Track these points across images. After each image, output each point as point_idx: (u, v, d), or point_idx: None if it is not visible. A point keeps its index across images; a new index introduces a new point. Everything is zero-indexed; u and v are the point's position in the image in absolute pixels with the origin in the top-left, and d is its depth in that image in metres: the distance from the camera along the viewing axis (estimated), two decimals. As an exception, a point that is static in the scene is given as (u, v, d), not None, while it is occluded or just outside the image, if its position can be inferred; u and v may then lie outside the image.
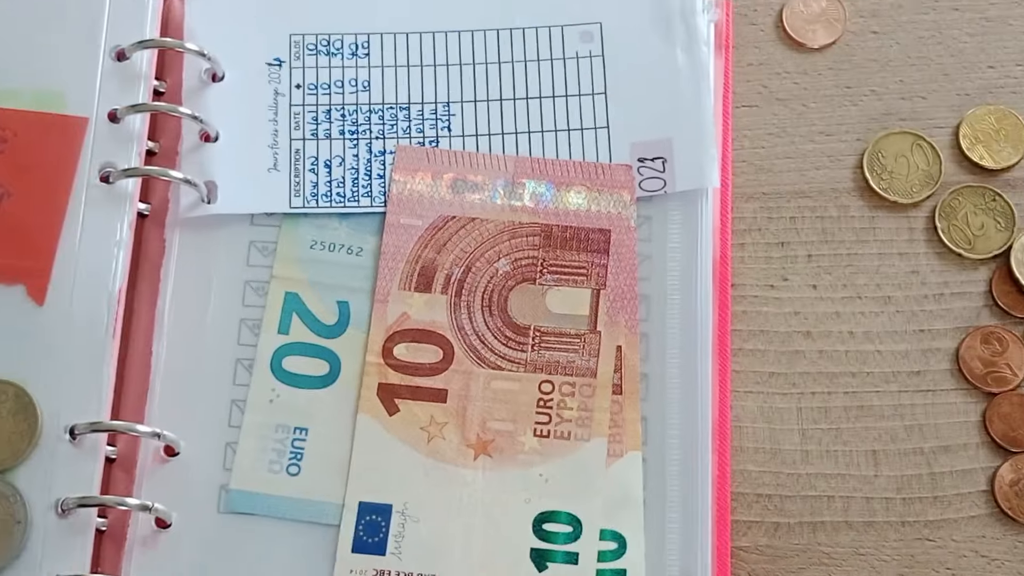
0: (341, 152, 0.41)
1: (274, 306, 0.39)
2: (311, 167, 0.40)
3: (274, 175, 0.40)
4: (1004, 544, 0.38)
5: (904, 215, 0.41)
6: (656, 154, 0.40)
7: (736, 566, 0.38)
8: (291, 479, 0.37)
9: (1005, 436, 0.39)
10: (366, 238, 0.40)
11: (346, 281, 0.39)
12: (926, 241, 0.41)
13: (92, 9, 0.41)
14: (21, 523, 0.36)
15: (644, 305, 0.39)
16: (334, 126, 0.41)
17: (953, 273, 0.41)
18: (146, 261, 0.40)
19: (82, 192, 0.39)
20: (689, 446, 0.38)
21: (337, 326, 0.39)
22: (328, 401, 0.38)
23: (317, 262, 0.40)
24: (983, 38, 0.43)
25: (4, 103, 0.40)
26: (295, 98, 0.41)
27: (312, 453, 0.38)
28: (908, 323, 0.40)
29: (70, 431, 0.37)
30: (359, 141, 0.41)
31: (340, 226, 0.40)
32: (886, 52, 0.43)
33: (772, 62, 0.43)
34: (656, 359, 0.39)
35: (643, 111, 0.41)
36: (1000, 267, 0.41)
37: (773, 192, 0.42)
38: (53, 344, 0.38)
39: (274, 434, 0.38)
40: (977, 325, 0.40)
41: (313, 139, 0.41)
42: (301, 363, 0.39)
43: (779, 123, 0.42)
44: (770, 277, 0.41)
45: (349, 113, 0.41)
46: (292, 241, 0.40)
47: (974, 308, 0.40)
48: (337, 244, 0.40)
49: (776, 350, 0.40)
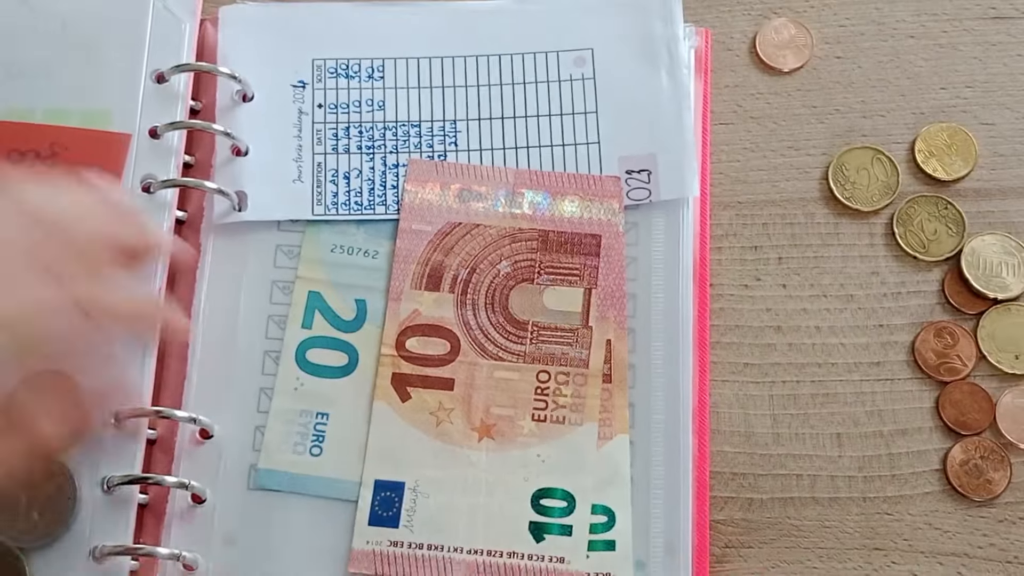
0: (359, 165, 0.42)
1: (298, 303, 0.40)
2: (332, 178, 0.41)
3: (298, 185, 0.41)
4: (955, 518, 0.39)
5: (865, 222, 0.42)
6: (642, 167, 0.41)
7: (714, 537, 0.39)
8: (314, 459, 0.39)
9: (956, 421, 0.40)
10: (381, 242, 0.41)
11: (363, 281, 0.41)
12: (885, 245, 0.42)
13: (135, 36, 0.42)
14: (71, 499, 0.38)
15: (631, 303, 0.40)
16: (352, 142, 0.42)
17: (909, 274, 0.42)
18: (183, 263, 0.40)
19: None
20: (671, 429, 0.39)
21: (355, 322, 0.40)
22: (347, 389, 0.39)
23: (337, 264, 0.41)
24: (936, 62, 0.43)
25: (55, 121, 0.41)
26: (318, 116, 0.42)
27: (333, 436, 0.39)
28: (869, 319, 0.41)
29: (115, 416, 0.38)
30: (375, 155, 0.42)
31: (357, 232, 0.41)
32: (849, 75, 0.43)
33: (746, 84, 0.44)
34: (642, 351, 0.39)
35: (630, 128, 0.42)
36: (952, 269, 0.42)
37: (747, 201, 0.42)
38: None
39: (299, 419, 0.39)
40: (931, 321, 0.41)
41: (334, 153, 0.42)
42: (323, 355, 0.40)
43: (752, 139, 0.43)
44: (744, 277, 0.42)
45: (366, 130, 0.42)
46: (315, 245, 0.41)
47: (928, 305, 0.41)
48: (355, 248, 0.41)
49: (750, 343, 0.41)
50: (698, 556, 0.38)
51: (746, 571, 0.39)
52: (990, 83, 0.43)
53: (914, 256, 0.42)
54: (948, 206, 0.42)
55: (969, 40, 0.44)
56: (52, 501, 0.38)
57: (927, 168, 0.43)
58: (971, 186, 0.43)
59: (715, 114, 0.43)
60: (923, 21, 0.44)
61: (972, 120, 0.43)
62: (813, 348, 0.41)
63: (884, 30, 0.44)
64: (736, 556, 0.39)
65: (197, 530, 0.38)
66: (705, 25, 0.44)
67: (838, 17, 0.44)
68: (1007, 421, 0.40)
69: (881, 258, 0.42)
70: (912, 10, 0.44)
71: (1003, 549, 0.39)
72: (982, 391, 0.40)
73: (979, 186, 0.43)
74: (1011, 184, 0.43)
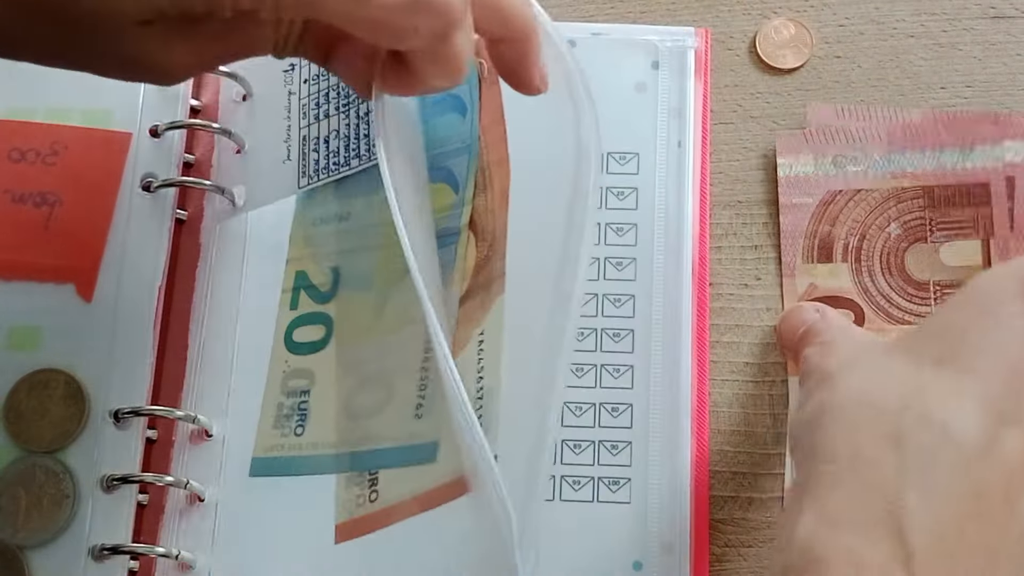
0: (337, 126, 0.41)
1: (288, 287, 0.40)
2: (315, 147, 0.41)
3: (287, 165, 0.41)
4: None
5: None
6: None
7: (714, 537, 0.39)
8: (297, 439, 0.39)
9: None
10: (351, 202, 0.40)
11: (337, 246, 0.40)
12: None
13: None
14: (70, 497, 0.38)
15: (629, 303, 0.40)
16: (331, 104, 0.41)
17: (910, 273, 0.41)
18: (183, 262, 0.41)
19: (126, 200, 0.40)
20: (671, 429, 0.39)
21: (330, 291, 0.40)
22: (324, 362, 0.39)
23: (317, 236, 0.40)
24: (936, 62, 0.43)
25: (57, 120, 0.41)
26: (303, 92, 0.42)
27: (313, 412, 0.39)
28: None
29: (115, 415, 0.38)
30: (350, 109, 0.41)
31: (332, 199, 0.41)
32: (848, 75, 0.43)
33: (746, 84, 0.43)
34: (641, 351, 0.39)
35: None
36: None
37: (747, 200, 0.42)
38: (100, 337, 0.39)
39: (286, 400, 0.39)
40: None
41: (316, 122, 0.41)
42: (305, 332, 0.40)
43: (752, 138, 0.43)
44: (744, 277, 0.41)
45: (343, 88, 0.41)
46: (300, 225, 0.41)
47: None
48: (329, 215, 0.41)
49: (750, 342, 0.41)
50: (697, 556, 0.38)
51: (746, 571, 0.39)
52: (990, 83, 0.43)
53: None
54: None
55: (969, 39, 0.44)
56: (51, 500, 0.38)
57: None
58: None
59: (715, 113, 0.43)
60: (923, 20, 0.44)
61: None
62: (813, 347, 0.41)
63: (884, 29, 0.44)
64: (736, 556, 0.39)
65: (196, 529, 0.38)
66: (705, 25, 0.44)
67: (838, 17, 0.44)
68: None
69: (881, 257, 0.42)
70: (912, 9, 0.44)
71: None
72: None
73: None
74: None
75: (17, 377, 0.39)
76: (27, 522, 0.38)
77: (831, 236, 0.40)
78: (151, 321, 0.40)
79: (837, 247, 0.40)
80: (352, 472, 0.38)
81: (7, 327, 0.40)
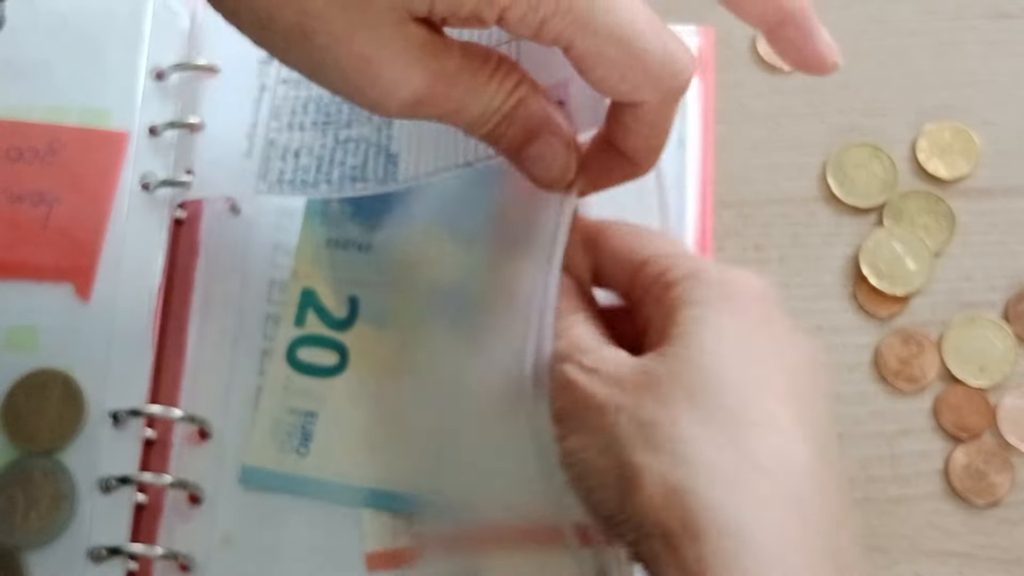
0: (311, 142, 0.40)
1: (292, 301, 0.40)
2: (281, 156, 0.40)
3: (247, 162, 0.40)
4: (958, 518, 0.39)
5: (865, 219, 0.42)
6: None
7: None
8: (300, 458, 0.38)
9: (956, 424, 0.40)
10: (372, 234, 0.40)
11: (355, 275, 0.40)
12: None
13: (134, 34, 0.42)
14: (68, 498, 0.38)
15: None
16: (308, 118, 0.40)
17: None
18: (182, 261, 0.40)
19: (124, 199, 0.40)
20: None
21: (347, 320, 0.40)
22: (337, 389, 0.39)
23: (330, 259, 0.40)
24: (938, 61, 0.43)
25: (54, 119, 0.41)
26: (279, 92, 0.41)
27: (321, 436, 0.38)
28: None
29: (113, 415, 0.38)
30: (328, 129, 0.40)
31: (351, 223, 0.40)
32: (849, 74, 0.43)
33: (747, 83, 0.44)
34: None
35: None
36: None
37: (749, 200, 0.42)
38: (98, 337, 0.39)
39: (287, 417, 0.39)
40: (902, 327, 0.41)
41: (288, 130, 0.40)
42: (313, 353, 0.39)
43: (754, 138, 0.43)
44: None
45: (324, 105, 0.40)
46: (309, 240, 0.40)
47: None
48: (348, 241, 0.40)
49: None
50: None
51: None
52: (992, 82, 0.43)
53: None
54: (940, 202, 0.42)
55: (971, 38, 0.44)
56: (50, 501, 0.38)
57: (928, 167, 0.43)
58: (973, 185, 0.43)
59: (716, 113, 0.43)
60: (924, 19, 0.44)
61: (974, 119, 0.43)
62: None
63: (885, 28, 0.44)
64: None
65: (195, 530, 0.38)
66: (706, 24, 0.44)
67: (838, 16, 0.44)
68: (1008, 423, 0.40)
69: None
70: (913, 8, 0.44)
71: (1006, 549, 0.39)
72: (978, 394, 0.40)
73: (981, 185, 0.43)
74: (1014, 183, 0.43)
75: (15, 377, 0.39)
76: (25, 523, 0.38)
77: None
78: (149, 321, 0.39)
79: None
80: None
81: (4, 327, 0.40)
